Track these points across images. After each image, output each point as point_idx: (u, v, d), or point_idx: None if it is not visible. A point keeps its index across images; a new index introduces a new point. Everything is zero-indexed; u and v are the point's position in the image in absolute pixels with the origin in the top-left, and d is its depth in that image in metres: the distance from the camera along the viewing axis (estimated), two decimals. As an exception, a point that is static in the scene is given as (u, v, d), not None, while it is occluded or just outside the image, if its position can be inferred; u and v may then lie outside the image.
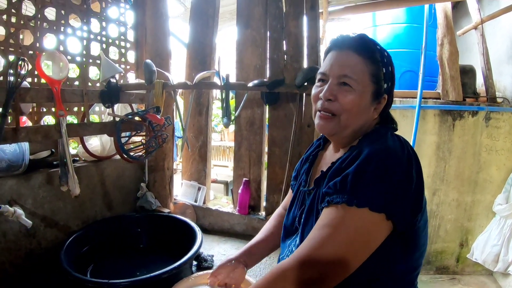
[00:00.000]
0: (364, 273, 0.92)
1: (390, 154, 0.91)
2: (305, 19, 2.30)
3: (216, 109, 5.56)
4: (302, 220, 1.12)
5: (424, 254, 1.05)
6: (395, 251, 0.95)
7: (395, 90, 1.14)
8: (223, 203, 2.79)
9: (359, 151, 0.94)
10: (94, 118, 2.37)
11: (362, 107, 1.03)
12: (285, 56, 2.35)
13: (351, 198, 0.88)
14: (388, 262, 0.96)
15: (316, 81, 1.11)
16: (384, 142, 0.96)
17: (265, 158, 2.58)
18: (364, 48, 1.04)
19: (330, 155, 1.18)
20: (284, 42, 2.36)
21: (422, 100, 3.35)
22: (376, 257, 0.91)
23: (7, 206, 1.70)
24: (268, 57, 2.42)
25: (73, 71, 2.35)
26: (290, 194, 1.42)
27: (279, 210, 1.47)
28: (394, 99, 1.15)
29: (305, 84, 2.17)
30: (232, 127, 2.49)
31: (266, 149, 2.56)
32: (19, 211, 1.74)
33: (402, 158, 0.91)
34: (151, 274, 1.61)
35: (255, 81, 2.26)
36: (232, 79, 2.27)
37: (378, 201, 0.87)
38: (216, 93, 2.76)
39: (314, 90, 1.10)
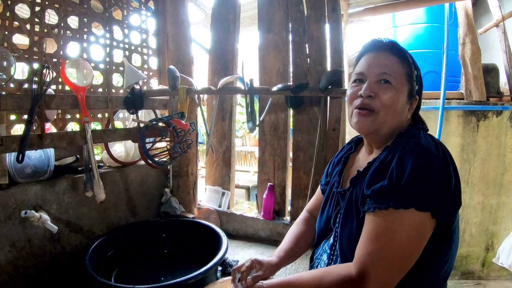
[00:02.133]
0: (407, 276, 0.93)
1: (426, 153, 0.93)
2: (327, 22, 2.28)
3: (237, 114, 5.55)
4: (339, 220, 1.12)
5: (457, 249, 1.06)
6: (434, 249, 0.96)
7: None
8: (245, 208, 2.77)
9: (396, 151, 0.96)
10: (117, 125, 2.38)
11: (400, 104, 1.06)
12: (308, 59, 2.34)
13: (397, 200, 0.90)
14: (428, 262, 0.97)
15: (351, 82, 1.14)
16: (418, 141, 0.97)
17: (290, 163, 2.55)
18: (399, 50, 1.09)
19: (363, 157, 1.20)
20: (306, 45, 2.34)
21: (445, 101, 3.29)
22: (419, 259, 0.93)
23: (33, 211, 1.71)
24: (291, 61, 2.41)
25: (95, 79, 2.37)
26: (316, 197, 1.43)
27: (303, 215, 1.45)
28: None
29: (329, 87, 2.15)
30: (254, 132, 2.48)
31: (290, 154, 2.54)
32: (45, 216, 1.75)
33: (438, 156, 0.93)
34: (177, 280, 1.60)
35: (279, 86, 2.24)
36: (255, 84, 2.26)
37: (423, 200, 0.89)
38: (239, 98, 2.76)
39: (350, 90, 1.13)
